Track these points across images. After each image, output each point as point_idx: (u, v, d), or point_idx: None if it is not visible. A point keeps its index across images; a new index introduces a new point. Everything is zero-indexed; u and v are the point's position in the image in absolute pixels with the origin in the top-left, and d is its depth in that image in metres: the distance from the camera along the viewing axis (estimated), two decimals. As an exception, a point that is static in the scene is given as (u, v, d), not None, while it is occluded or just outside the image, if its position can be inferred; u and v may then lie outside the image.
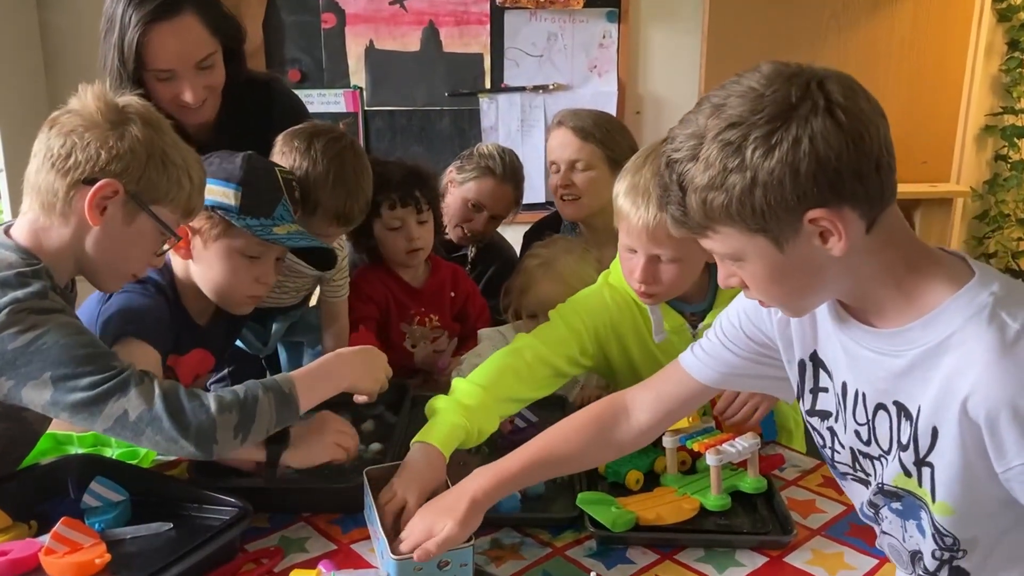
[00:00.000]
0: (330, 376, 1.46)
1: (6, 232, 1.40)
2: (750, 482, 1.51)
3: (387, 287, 2.18)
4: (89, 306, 1.64)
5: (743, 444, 1.51)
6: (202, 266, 1.68)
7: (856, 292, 1.10)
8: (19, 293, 1.26)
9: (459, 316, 2.31)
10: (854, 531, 1.42)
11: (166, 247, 1.47)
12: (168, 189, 1.40)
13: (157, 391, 1.27)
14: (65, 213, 1.36)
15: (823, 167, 0.97)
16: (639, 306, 1.74)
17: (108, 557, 1.27)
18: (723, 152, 1.00)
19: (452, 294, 2.29)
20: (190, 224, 1.63)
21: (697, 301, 1.74)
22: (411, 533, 1.27)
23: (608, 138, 2.30)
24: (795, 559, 1.36)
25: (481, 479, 1.33)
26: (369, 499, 1.38)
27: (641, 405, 1.41)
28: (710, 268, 1.67)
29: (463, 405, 1.57)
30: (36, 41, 3.51)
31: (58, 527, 1.28)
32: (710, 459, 1.47)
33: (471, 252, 2.59)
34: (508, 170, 2.53)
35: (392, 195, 2.08)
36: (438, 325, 2.23)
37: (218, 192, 1.61)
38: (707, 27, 3.86)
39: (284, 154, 1.89)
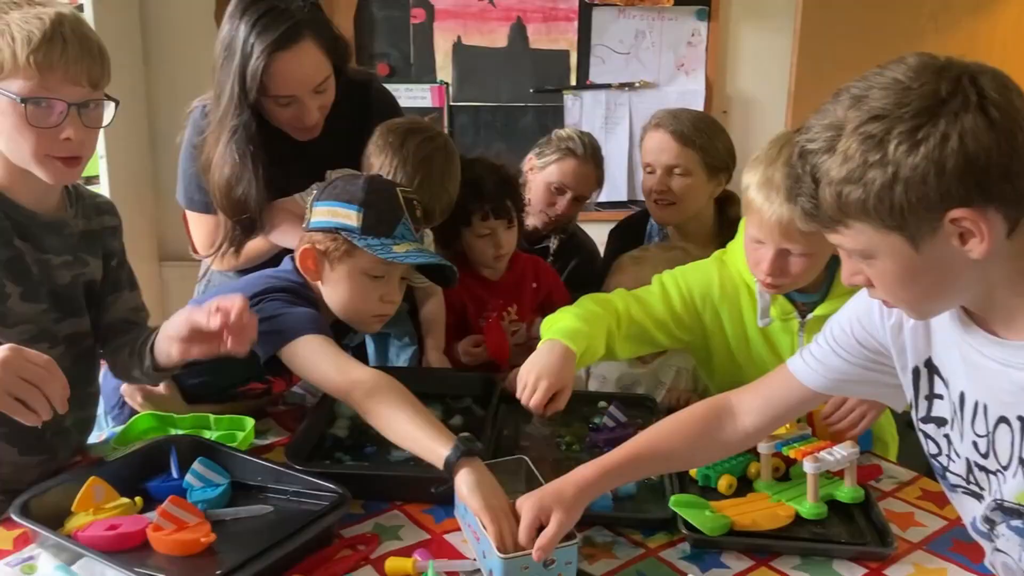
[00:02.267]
0: None
1: None
2: (847, 491, 1.48)
3: (463, 284, 2.16)
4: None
5: (842, 453, 1.48)
6: (330, 287, 1.71)
7: (986, 299, 1.06)
8: None
9: (542, 307, 2.30)
10: (957, 547, 1.38)
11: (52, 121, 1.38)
12: None
13: None
14: None
15: (971, 165, 0.94)
16: (748, 287, 1.74)
17: (213, 536, 1.30)
18: (864, 145, 0.97)
19: (534, 285, 2.29)
20: (315, 245, 1.67)
21: (810, 291, 1.72)
22: (523, 521, 1.25)
23: (708, 143, 2.27)
24: (896, 572, 1.33)
25: (585, 471, 1.33)
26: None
27: (747, 407, 1.40)
28: (831, 261, 1.65)
29: (576, 317, 1.62)
30: (137, 34, 3.62)
31: (165, 504, 1.32)
32: (808, 466, 1.44)
33: (553, 244, 2.58)
34: (589, 150, 2.52)
35: (485, 206, 2.10)
36: (516, 318, 2.24)
37: (342, 214, 1.64)
38: (799, 26, 3.78)
39: (378, 147, 1.93)
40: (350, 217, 1.64)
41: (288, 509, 1.42)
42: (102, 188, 3.34)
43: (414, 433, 1.43)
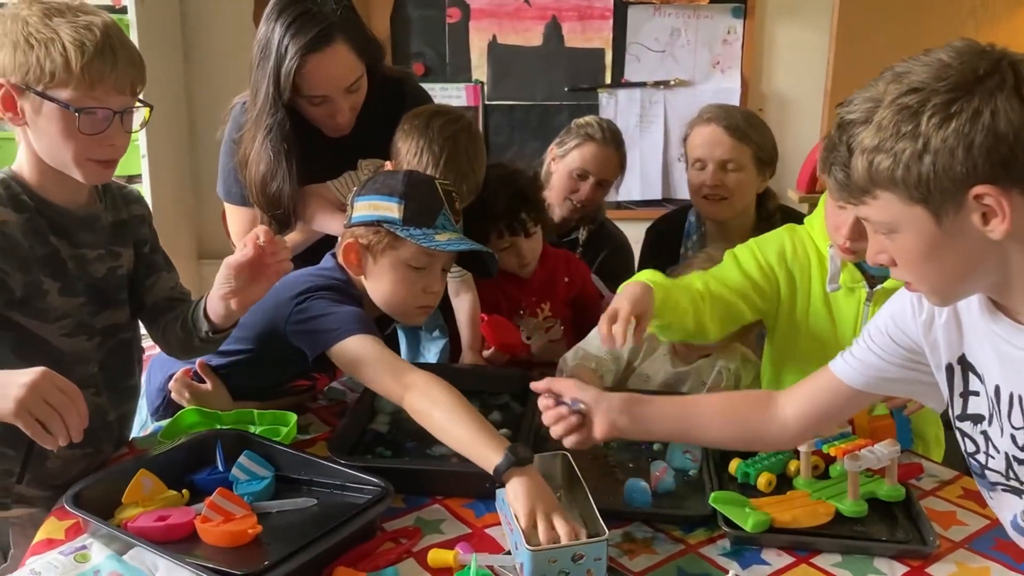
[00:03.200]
0: None
1: None
2: (888, 490, 1.48)
3: (496, 284, 2.19)
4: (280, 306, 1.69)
5: (882, 451, 1.48)
6: (373, 281, 1.73)
7: (1006, 285, 1.07)
8: None
9: (576, 302, 2.31)
10: (1000, 546, 1.37)
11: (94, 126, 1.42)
12: (44, 65, 1.37)
13: None
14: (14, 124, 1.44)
15: (999, 143, 0.96)
16: (820, 254, 1.78)
17: (259, 528, 1.32)
18: (898, 116, 1.00)
19: (566, 279, 2.29)
20: (358, 239, 1.70)
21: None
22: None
23: (760, 138, 2.27)
24: (938, 571, 1.33)
25: (616, 398, 1.40)
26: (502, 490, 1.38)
27: (788, 400, 1.41)
28: None
29: (652, 273, 1.69)
30: (177, 32, 3.67)
31: (213, 497, 1.35)
32: (848, 464, 1.44)
33: (582, 235, 2.57)
34: (608, 133, 2.51)
35: (499, 225, 2.11)
36: (550, 315, 2.24)
37: (383, 207, 1.67)
38: (836, 24, 3.76)
39: (404, 131, 1.97)
40: (391, 209, 1.66)
41: (332, 502, 1.44)
42: (143, 186, 3.40)
43: (466, 438, 1.44)
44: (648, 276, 1.68)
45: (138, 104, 1.48)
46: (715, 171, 2.26)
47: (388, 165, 2.00)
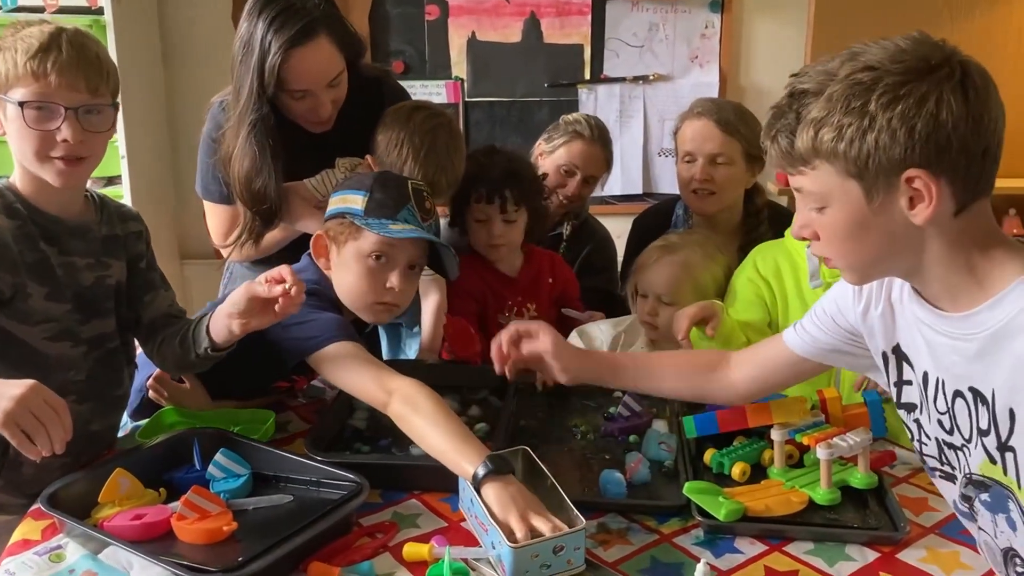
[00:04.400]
0: None
1: None
2: (860, 477, 1.50)
3: (483, 279, 2.20)
4: None
5: (854, 439, 1.49)
6: (337, 273, 1.74)
7: (922, 271, 1.11)
8: None
9: (558, 302, 2.32)
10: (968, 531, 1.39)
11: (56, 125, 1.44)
12: (4, 71, 1.42)
13: None
14: None
15: (937, 131, 1.01)
16: (791, 258, 1.88)
17: (235, 525, 1.33)
18: (850, 91, 1.03)
19: (550, 280, 2.30)
20: (327, 231, 1.72)
21: None
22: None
23: (750, 132, 2.25)
24: (908, 556, 1.34)
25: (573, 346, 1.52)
26: (470, 490, 1.37)
27: (739, 362, 1.51)
28: None
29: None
30: (155, 33, 3.66)
31: (189, 495, 1.35)
32: (821, 453, 1.46)
33: (566, 230, 2.59)
34: (596, 131, 2.53)
35: (481, 189, 2.11)
36: (536, 315, 2.24)
37: (350, 199, 1.69)
38: (813, 18, 3.78)
39: (385, 124, 1.99)
40: (356, 201, 1.68)
41: (308, 498, 1.44)
42: (123, 187, 3.40)
43: (445, 447, 1.44)
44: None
45: (99, 104, 1.48)
46: (704, 165, 2.26)
47: (368, 159, 2.01)
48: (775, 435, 1.54)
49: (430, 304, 2.10)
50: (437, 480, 1.49)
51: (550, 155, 2.53)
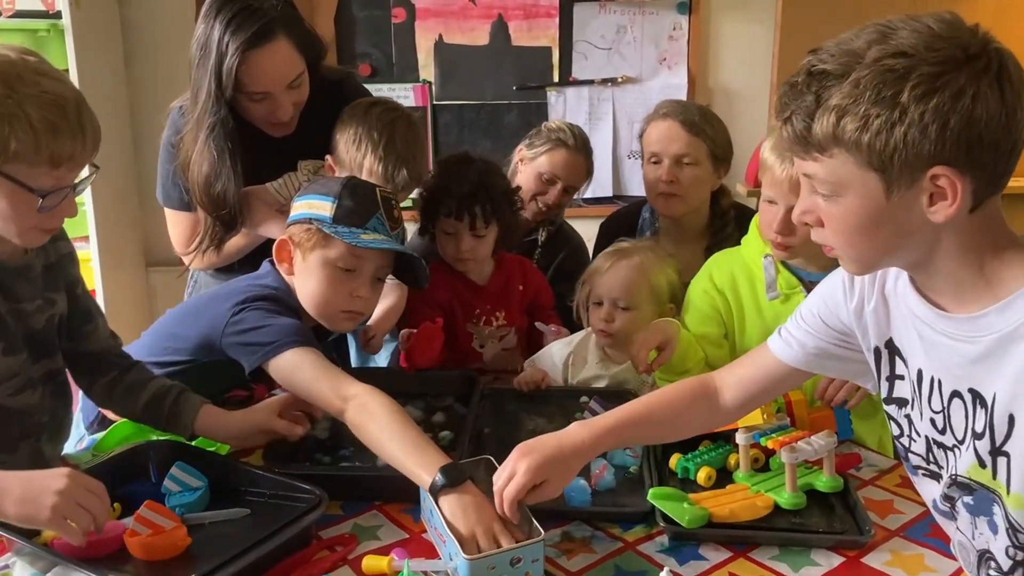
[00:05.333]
0: None
1: None
2: (826, 481, 1.49)
3: (451, 287, 2.17)
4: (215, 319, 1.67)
5: (819, 442, 1.48)
6: (300, 279, 1.71)
7: (930, 266, 1.07)
8: None
9: (529, 308, 2.30)
10: (935, 532, 1.37)
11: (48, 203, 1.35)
12: (5, 143, 1.27)
13: None
14: None
15: (971, 128, 0.95)
16: (748, 270, 1.86)
17: (189, 540, 1.30)
18: (881, 78, 0.96)
19: (521, 287, 2.28)
20: (291, 237, 1.68)
21: (815, 269, 1.78)
22: (519, 481, 1.27)
23: (715, 133, 2.26)
24: (873, 560, 1.33)
25: (582, 432, 1.34)
26: (430, 501, 1.35)
27: (728, 384, 1.42)
28: None
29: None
30: (117, 37, 3.61)
31: (141, 510, 1.31)
32: (785, 456, 1.45)
33: (541, 236, 2.58)
34: (579, 141, 2.52)
35: (451, 203, 2.08)
36: (504, 323, 2.23)
37: (317, 205, 1.65)
38: (780, 18, 3.78)
39: (343, 122, 1.97)
40: (324, 208, 1.64)
41: (265, 511, 1.41)
42: (86, 195, 3.34)
43: (399, 455, 1.41)
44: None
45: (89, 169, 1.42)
46: (670, 166, 2.24)
47: (328, 160, 1.98)
48: (740, 439, 1.53)
49: (386, 303, 2.07)
50: (398, 491, 1.46)
51: (531, 162, 2.51)
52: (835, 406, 1.71)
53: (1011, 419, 1.03)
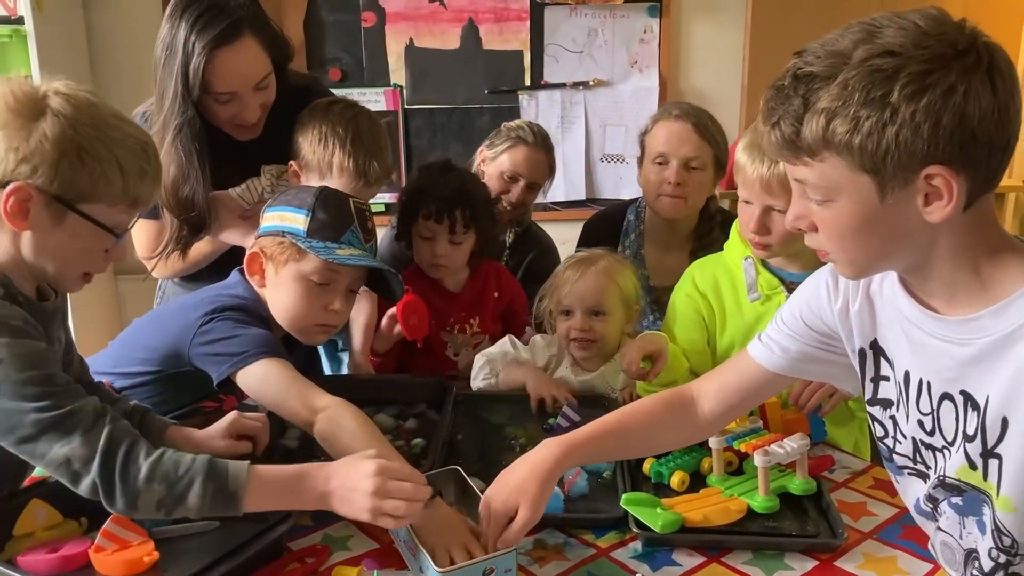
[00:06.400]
0: (296, 493, 1.29)
1: None
2: (799, 484, 1.49)
3: (425, 296, 2.14)
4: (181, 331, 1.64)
5: (792, 445, 1.48)
6: (273, 293, 1.68)
7: (926, 268, 1.06)
8: None
9: (504, 315, 2.29)
10: (907, 534, 1.39)
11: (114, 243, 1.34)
12: (93, 185, 1.25)
13: (101, 443, 1.20)
14: None
15: (963, 125, 0.93)
16: (729, 272, 1.87)
17: (156, 555, 1.27)
18: (869, 79, 0.94)
19: (496, 294, 2.27)
20: (263, 249, 1.66)
21: (796, 269, 1.79)
22: (486, 518, 1.26)
23: (721, 139, 2.25)
24: (846, 563, 1.33)
25: (551, 448, 1.32)
26: None
27: (707, 392, 1.40)
28: None
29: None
30: (82, 42, 3.56)
31: (107, 525, 1.29)
32: (758, 460, 1.45)
33: (508, 238, 2.58)
34: (539, 138, 2.52)
35: (431, 206, 2.08)
36: (479, 331, 2.22)
37: (290, 218, 1.63)
38: (750, 20, 3.81)
39: (303, 124, 1.95)
40: (297, 221, 1.62)
41: (235, 524, 1.38)
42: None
43: None
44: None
45: None
46: (679, 168, 2.20)
47: (292, 165, 1.96)
48: (713, 443, 1.53)
49: (362, 313, 2.06)
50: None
51: (493, 161, 2.51)
52: (808, 413, 1.71)
53: (1004, 422, 1.02)
